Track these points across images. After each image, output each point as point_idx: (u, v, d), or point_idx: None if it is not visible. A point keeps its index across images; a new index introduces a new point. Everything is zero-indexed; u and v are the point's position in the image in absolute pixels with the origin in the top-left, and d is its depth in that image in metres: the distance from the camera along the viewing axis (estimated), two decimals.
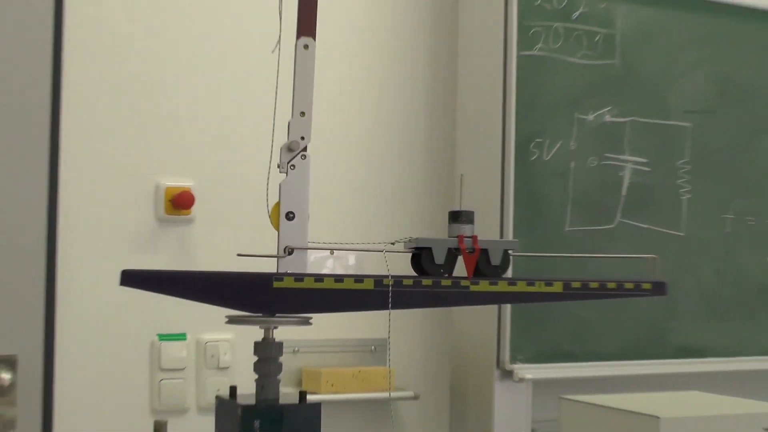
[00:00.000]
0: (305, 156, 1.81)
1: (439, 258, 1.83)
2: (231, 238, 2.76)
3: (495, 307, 2.89)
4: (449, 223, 1.87)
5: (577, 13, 3.09)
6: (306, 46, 1.82)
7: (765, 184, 3.40)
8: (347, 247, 2.65)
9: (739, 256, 3.34)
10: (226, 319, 1.82)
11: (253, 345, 1.82)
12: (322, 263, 2.72)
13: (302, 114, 1.82)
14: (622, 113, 3.15)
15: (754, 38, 3.39)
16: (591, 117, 3.10)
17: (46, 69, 2.55)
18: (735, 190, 3.35)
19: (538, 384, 2.98)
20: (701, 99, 3.30)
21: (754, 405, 2.13)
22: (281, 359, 1.83)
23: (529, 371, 2.93)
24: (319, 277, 1.76)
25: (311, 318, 1.84)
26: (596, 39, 3.11)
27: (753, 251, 3.38)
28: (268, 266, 1.78)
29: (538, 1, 3.02)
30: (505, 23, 2.97)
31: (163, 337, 2.74)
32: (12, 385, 2.49)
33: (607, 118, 3.12)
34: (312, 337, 2.81)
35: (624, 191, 3.13)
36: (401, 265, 1.84)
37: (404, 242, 1.86)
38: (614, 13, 3.14)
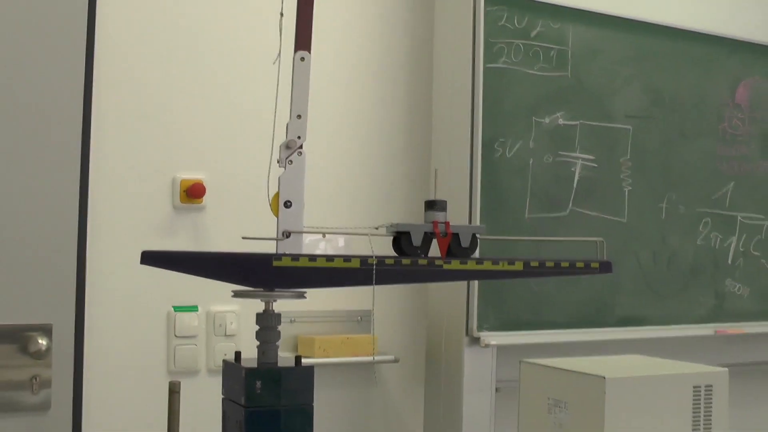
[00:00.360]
0: (301, 153, 1.80)
1: (417, 241, 1.81)
2: (237, 224, 2.73)
3: (464, 282, 2.88)
4: (425, 210, 1.86)
5: (535, 31, 3.07)
6: (302, 59, 1.81)
7: (692, 178, 3.40)
8: (337, 231, 2.63)
9: (672, 240, 3.34)
10: (233, 294, 1.81)
11: (255, 316, 1.81)
12: (315, 245, 2.69)
13: (299, 116, 1.80)
14: (573, 117, 3.13)
15: (682, 55, 3.38)
16: (547, 120, 3.08)
17: (79, 77, 2.53)
18: (669, 183, 3.34)
19: (502, 349, 2.96)
20: (639, 106, 3.29)
21: (685, 366, 2.13)
22: (280, 328, 1.82)
23: (494, 338, 2.92)
24: (312, 257, 1.75)
25: (306, 292, 1.83)
26: (551, 54, 3.10)
27: (684, 235, 3.37)
28: (269, 248, 1.76)
29: (502, 21, 3.00)
30: (473, 39, 2.95)
31: (178, 309, 2.72)
32: (48, 349, 2.47)
33: (560, 121, 3.11)
34: (306, 308, 2.78)
35: (575, 184, 3.12)
36: (384, 247, 1.83)
37: (386, 227, 1.85)
38: (566, 33, 3.13)
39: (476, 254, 1.86)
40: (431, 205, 1.85)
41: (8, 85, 2.44)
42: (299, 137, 1.79)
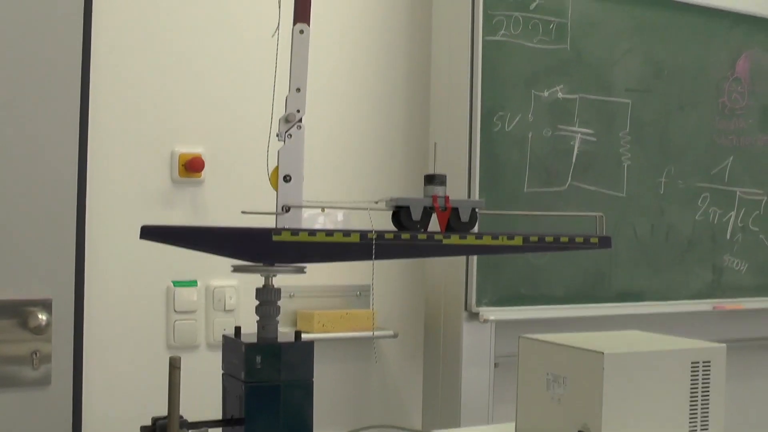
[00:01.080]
0: (300, 126, 1.79)
1: (416, 215, 1.81)
2: (236, 198, 2.73)
3: (463, 257, 2.88)
4: (425, 185, 1.85)
5: (534, 4, 3.05)
6: (301, 31, 1.80)
7: (691, 153, 3.39)
8: (336, 205, 2.62)
9: (670, 214, 3.34)
10: (232, 268, 1.81)
11: (255, 290, 1.81)
12: (314, 219, 2.68)
13: (298, 90, 1.79)
14: (572, 91, 3.12)
15: (682, 28, 3.37)
16: (546, 94, 3.07)
17: (76, 53, 2.52)
18: (667, 157, 3.33)
19: (500, 324, 2.97)
20: (638, 79, 3.28)
21: (683, 342, 2.13)
22: (279, 303, 1.82)
23: (492, 313, 2.92)
24: (312, 232, 1.74)
25: (305, 267, 1.83)
26: (550, 27, 3.08)
27: (682, 209, 3.37)
28: (269, 222, 1.76)
29: None
30: (472, 12, 2.93)
31: (177, 284, 2.72)
32: (48, 324, 2.47)
33: (560, 95, 3.10)
34: (306, 283, 2.78)
35: (574, 158, 3.11)
36: (383, 221, 1.83)
37: (386, 201, 1.84)
38: (566, 5, 3.11)
39: (475, 229, 1.86)
40: (430, 179, 1.84)
41: (3, 55, 2.43)
42: (298, 111, 1.78)
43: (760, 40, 3.56)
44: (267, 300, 1.80)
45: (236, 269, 1.80)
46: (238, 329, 1.82)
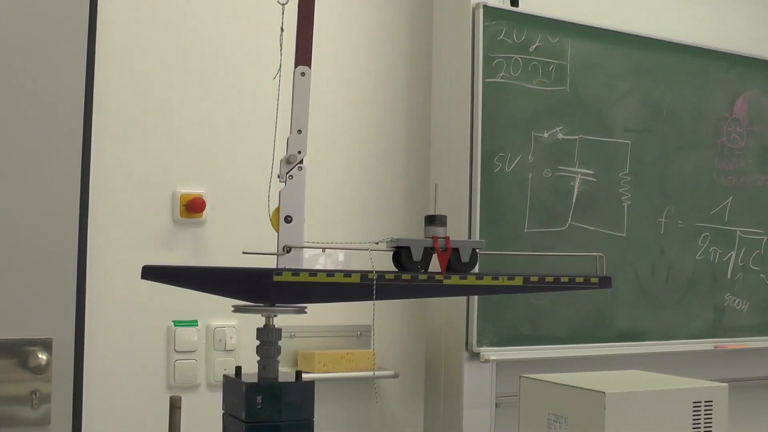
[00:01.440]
0: (302, 168, 1.80)
1: (417, 256, 1.82)
2: (237, 238, 2.73)
3: (464, 297, 2.88)
4: (425, 225, 1.86)
5: (534, 46, 3.08)
6: (303, 74, 1.81)
7: (691, 193, 3.41)
8: (337, 246, 2.64)
9: (671, 254, 3.34)
10: (233, 308, 1.81)
11: (255, 330, 1.81)
12: (315, 260, 2.69)
13: (299, 131, 1.81)
14: (571, 132, 3.14)
15: (680, 69, 3.40)
16: (545, 135, 3.09)
17: (79, 93, 2.53)
18: (667, 197, 3.35)
19: (501, 364, 2.96)
20: (637, 120, 3.30)
21: (685, 381, 2.13)
22: (280, 343, 1.82)
23: (493, 353, 2.92)
24: (313, 272, 1.75)
25: (306, 307, 1.83)
26: (550, 68, 3.11)
27: (683, 249, 3.38)
28: (270, 262, 1.76)
29: (501, 36, 3.01)
30: (473, 54, 2.96)
31: (178, 323, 2.72)
32: (48, 364, 2.47)
33: (559, 135, 3.11)
34: (307, 323, 2.77)
35: (574, 198, 3.12)
36: (384, 262, 1.83)
37: (386, 242, 1.84)
38: (565, 47, 3.14)
39: (476, 269, 1.87)
40: (431, 220, 1.85)
41: (9, 99, 2.44)
42: (299, 152, 1.79)
43: (757, 82, 3.59)
44: (268, 340, 1.80)
45: (237, 309, 1.80)
46: (238, 369, 1.82)
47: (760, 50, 3.64)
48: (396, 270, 1.82)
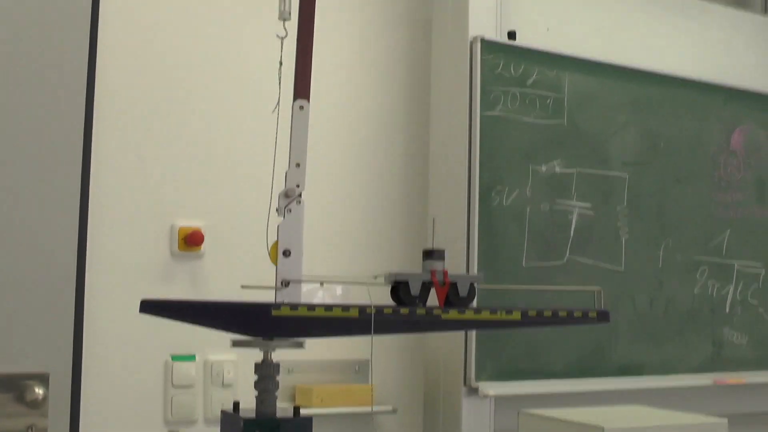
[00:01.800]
0: (300, 201, 1.80)
1: (415, 290, 1.81)
2: (236, 272, 2.73)
3: (463, 331, 2.87)
4: (423, 259, 1.86)
5: (531, 79, 3.09)
6: (301, 107, 1.82)
7: (689, 226, 3.41)
8: (335, 280, 2.63)
9: (669, 287, 3.34)
10: (231, 343, 1.80)
11: (253, 365, 1.80)
12: (313, 293, 2.69)
13: (297, 165, 1.81)
14: (569, 165, 3.15)
15: (677, 103, 3.41)
16: (543, 168, 3.09)
17: (78, 124, 2.54)
18: (665, 230, 3.35)
19: (500, 399, 2.95)
20: (635, 153, 3.31)
21: (684, 417, 2.12)
22: (278, 378, 1.81)
23: (492, 388, 2.90)
24: (311, 306, 1.74)
25: (304, 341, 1.82)
26: (547, 102, 3.12)
27: (681, 283, 3.37)
28: (268, 296, 1.76)
29: (498, 69, 3.02)
30: (470, 87, 2.98)
31: (176, 358, 2.71)
32: (44, 399, 2.44)
33: (557, 169, 3.12)
34: (305, 358, 2.77)
35: (572, 232, 3.12)
36: (382, 296, 1.83)
37: (384, 276, 1.84)
38: (562, 81, 3.16)
39: (474, 303, 1.86)
40: (429, 254, 1.85)
41: (8, 133, 2.45)
42: (298, 186, 1.80)
43: (753, 115, 3.61)
44: (266, 375, 1.79)
45: (235, 344, 1.80)
46: (236, 404, 1.81)
47: (756, 84, 3.66)
48: (394, 304, 1.82)
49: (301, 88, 1.82)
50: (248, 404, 1.84)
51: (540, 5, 3.25)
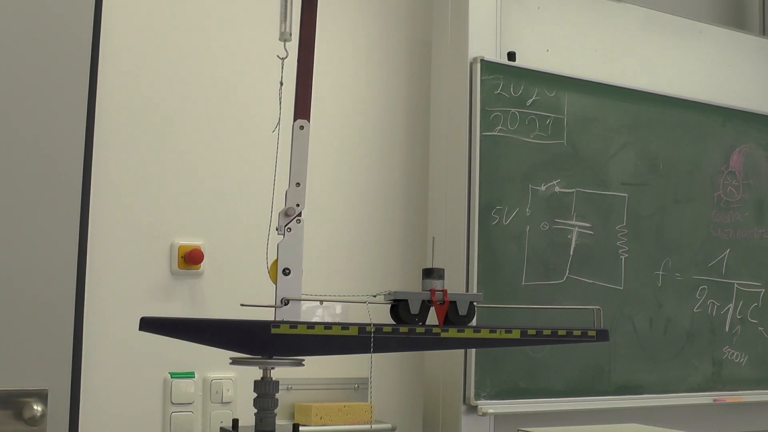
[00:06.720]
0: (300, 220, 1.81)
1: (414, 309, 1.82)
2: (235, 290, 2.74)
3: (462, 350, 2.87)
4: (423, 278, 1.86)
5: (531, 100, 3.11)
6: (302, 127, 1.83)
7: (688, 246, 3.42)
8: (335, 298, 2.63)
9: (669, 307, 3.34)
10: (230, 360, 1.80)
11: (253, 383, 1.80)
12: (313, 312, 2.70)
13: (298, 184, 1.82)
14: (569, 185, 3.15)
15: (676, 123, 3.43)
16: (543, 188, 3.10)
17: (78, 141, 2.54)
18: (664, 250, 3.35)
19: (499, 417, 2.95)
20: (634, 173, 3.32)
21: None
22: (277, 395, 1.81)
23: (491, 406, 2.90)
24: (311, 325, 1.75)
25: (303, 360, 1.82)
26: (547, 122, 3.13)
27: (680, 302, 3.38)
28: (267, 315, 1.76)
29: (498, 90, 3.04)
30: (470, 107, 2.99)
31: (175, 375, 2.71)
32: (43, 416, 2.45)
33: (557, 189, 3.13)
34: (304, 376, 2.77)
35: (571, 251, 3.13)
36: (381, 315, 1.83)
37: (384, 295, 1.85)
38: (562, 101, 3.17)
39: (473, 322, 1.87)
40: (429, 273, 1.85)
41: (6, 150, 2.45)
42: (298, 205, 1.81)
43: (752, 135, 3.62)
44: (265, 393, 1.79)
45: (234, 362, 1.80)
46: (235, 422, 1.81)
47: (755, 104, 3.68)
48: (394, 323, 1.82)
49: (302, 108, 1.83)
50: (247, 422, 1.84)
51: (540, 26, 3.27)
